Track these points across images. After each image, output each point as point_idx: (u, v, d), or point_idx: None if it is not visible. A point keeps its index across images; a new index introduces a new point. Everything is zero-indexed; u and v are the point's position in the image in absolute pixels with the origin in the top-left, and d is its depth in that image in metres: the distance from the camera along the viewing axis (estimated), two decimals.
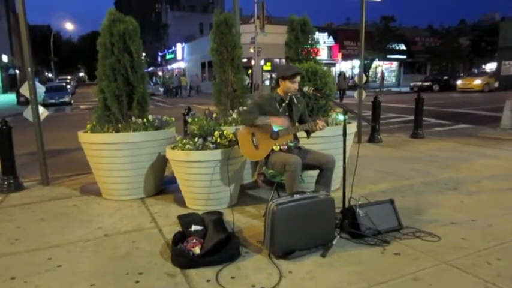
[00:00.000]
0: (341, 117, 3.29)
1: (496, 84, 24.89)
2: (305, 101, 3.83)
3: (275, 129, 3.47)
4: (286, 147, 3.51)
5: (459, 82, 26.52)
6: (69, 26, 47.47)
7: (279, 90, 3.56)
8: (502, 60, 27.73)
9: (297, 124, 3.63)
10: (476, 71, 31.30)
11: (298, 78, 3.50)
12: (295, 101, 3.61)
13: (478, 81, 25.06)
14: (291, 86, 3.47)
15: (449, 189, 4.47)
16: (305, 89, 3.47)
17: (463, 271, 2.62)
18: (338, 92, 21.35)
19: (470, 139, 7.85)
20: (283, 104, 3.55)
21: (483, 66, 35.25)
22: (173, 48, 46.32)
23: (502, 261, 2.75)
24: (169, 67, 49.19)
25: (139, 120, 4.35)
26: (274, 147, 3.48)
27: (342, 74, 23.84)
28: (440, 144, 7.40)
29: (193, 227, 3.24)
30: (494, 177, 4.91)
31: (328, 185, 3.48)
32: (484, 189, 4.44)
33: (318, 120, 3.43)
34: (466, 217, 3.58)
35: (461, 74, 32.55)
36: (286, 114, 3.56)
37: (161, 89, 33.85)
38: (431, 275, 2.59)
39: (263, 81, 28.04)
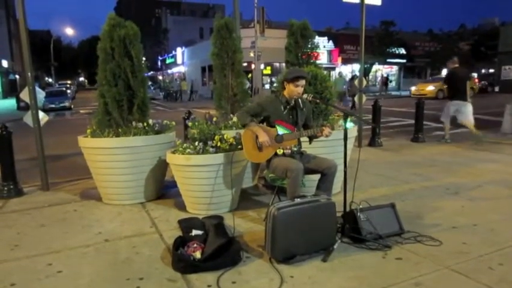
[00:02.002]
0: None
1: (497, 89, 24.78)
2: (311, 105, 3.79)
3: (280, 132, 3.47)
4: (290, 151, 3.50)
5: (413, 88, 25.37)
6: (69, 31, 47.84)
7: (285, 93, 3.53)
8: (502, 64, 27.79)
9: (301, 129, 3.60)
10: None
11: (302, 82, 3.43)
12: (301, 104, 3.57)
13: (431, 88, 23.74)
14: (294, 90, 3.43)
15: (450, 194, 4.46)
16: (304, 96, 3.45)
17: (465, 276, 2.61)
18: (350, 98, 18.09)
19: (471, 143, 7.83)
20: (288, 107, 3.53)
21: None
22: (173, 52, 46.47)
23: (503, 266, 2.74)
24: (169, 71, 49.30)
25: (140, 125, 4.35)
26: (278, 151, 3.47)
27: (354, 77, 19.88)
28: (440, 149, 7.39)
29: (194, 232, 3.23)
30: (496, 182, 4.90)
31: (329, 190, 3.47)
32: (485, 194, 4.43)
33: (323, 127, 3.41)
34: (467, 222, 3.57)
35: None
36: (291, 117, 3.54)
37: (161, 93, 33.92)
38: (433, 280, 2.57)
39: (263, 85, 28.09)
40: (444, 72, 30.68)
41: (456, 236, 3.26)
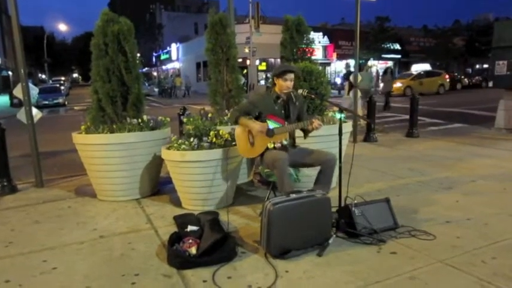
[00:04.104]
0: (338, 115, 3.29)
1: (490, 84, 24.83)
2: (304, 100, 3.81)
3: (270, 126, 3.48)
4: (280, 145, 3.51)
5: (381, 85, 25.31)
6: (62, 27, 47.34)
7: (276, 89, 3.56)
8: (496, 60, 27.86)
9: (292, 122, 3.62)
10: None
11: (290, 76, 3.47)
12: (293, 99, 3.60)
13: (398, 85, 22.53)
14: (283, 85, 3.47)
15: (444, 189, 4.49)
16: (299, 91, 3.47)
17: (459, 270, 2.63)
18: (384, 98, 14.70)
19: (465, 138, 7.89)
20: (279, 102, 3.55)
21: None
22: (168, 48, 46.24)
23: (497, 259, 2.76)
24: (164, 67, 49.07)
25: (135, 121, 4.33)
26: (269, 145, 3.48)
27: (388, 71, 15.97)
28: (435, 144, 7.43)
29: (189, 228, 3.22)
30: (489, 177, 4.94)
31: (328, 184, 3.49)
32: (479, 189, 4.46)
33: (313, 119, 3.43)
34: (461, 216, 3.60)
35: (456, 74, 32.72)
36: (282, 111, 3.56)
37: (156, 90, 33.79)
38: (427, 273, 2.59)
39: (258, 81, 28.03)
40: (416, 67, 30.79)
41: (450, 230, 3.29)
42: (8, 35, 38.77)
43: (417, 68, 29.85)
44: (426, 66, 30.84)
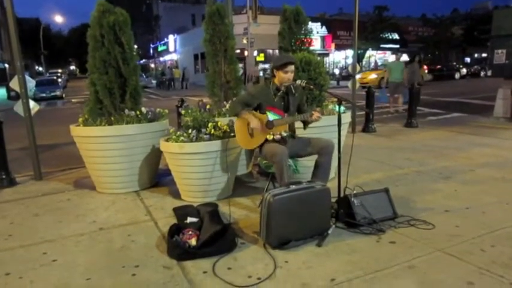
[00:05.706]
0: (337, 107, 3.27)
1: (489, 73, 24.83)
2: (303, 91, 3.79)
3: (270, 118, 3.46)
4: (279, 136, 3.49)
5: (358, 76, 25.38)
6: (58, 19, 46.93)
7: (275, 81, 3.53)
8: (495, 49, 27.82)
9: (294, 114, 3.60)
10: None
11: (291, 68, 3.44)
12: (293, 90, 3.58)
13: (373, 76, 22.90)
14: (284, 77, 3.43)
15: (443, 178, 4.50)
16: (298, 82, 3.44)
17: (458, 258, 2.64)
18: (407, 90, 10.07)
19: (463, 128, 7.90)
20: (279, 94, 3.52)
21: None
22: (165, 40, 45.93)
23: (495, 248, 2.78)
24: (161, 59, 48.79)
25: (132, 113, 4.31)
26: (268, 137, 3.47)
27: (416, 59, 12.54)
28: (434, 134, 7.44)
29: (189, 219, 3.23)
30: (488, 166, 4.95)
31: (327, 176, 3.48)
32: (478, 178, 4.47)
33: (313, 111, 3.42)
34: (459, 205, 3.61)
35: (455, 63, 32.65)
36: (282, 103, 3.54)
37: (154, 82, 33.65)
38: (426, 262, 2.60)
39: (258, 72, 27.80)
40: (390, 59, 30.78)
41: (449, 219, 3.30)
42: (3, 26, 38.35)
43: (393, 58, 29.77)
44: (403, 57, 30.88)
